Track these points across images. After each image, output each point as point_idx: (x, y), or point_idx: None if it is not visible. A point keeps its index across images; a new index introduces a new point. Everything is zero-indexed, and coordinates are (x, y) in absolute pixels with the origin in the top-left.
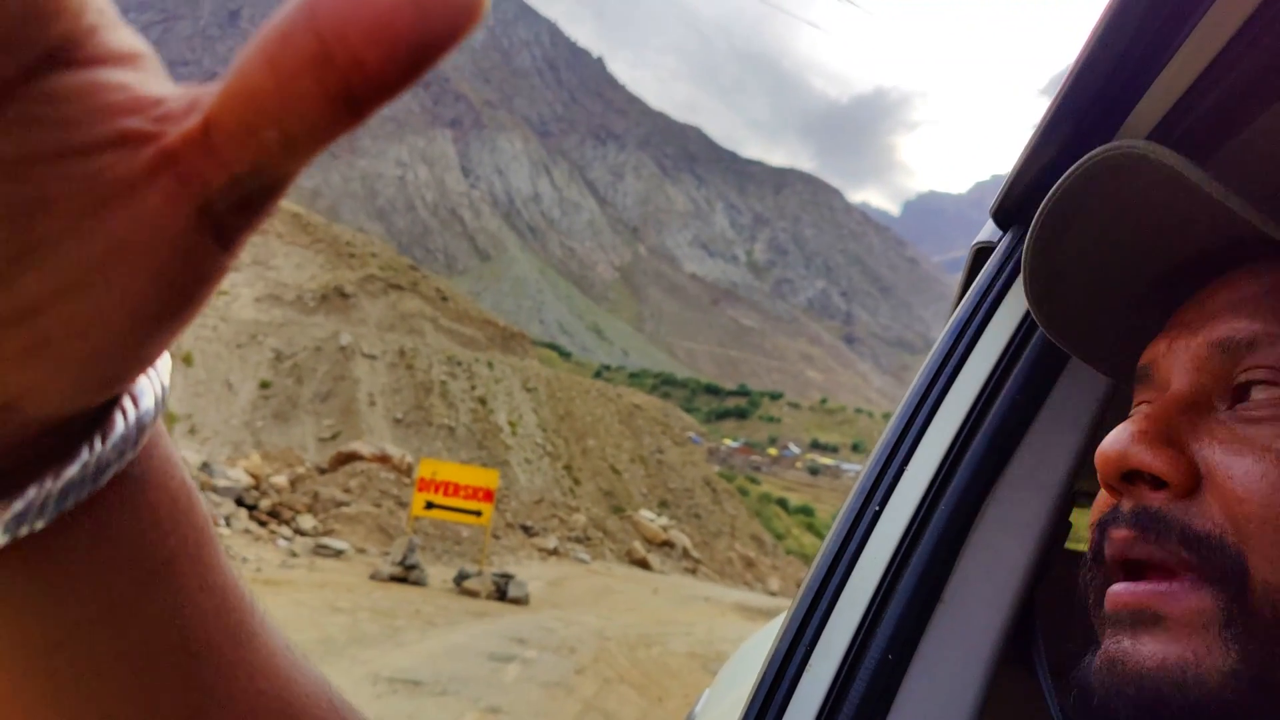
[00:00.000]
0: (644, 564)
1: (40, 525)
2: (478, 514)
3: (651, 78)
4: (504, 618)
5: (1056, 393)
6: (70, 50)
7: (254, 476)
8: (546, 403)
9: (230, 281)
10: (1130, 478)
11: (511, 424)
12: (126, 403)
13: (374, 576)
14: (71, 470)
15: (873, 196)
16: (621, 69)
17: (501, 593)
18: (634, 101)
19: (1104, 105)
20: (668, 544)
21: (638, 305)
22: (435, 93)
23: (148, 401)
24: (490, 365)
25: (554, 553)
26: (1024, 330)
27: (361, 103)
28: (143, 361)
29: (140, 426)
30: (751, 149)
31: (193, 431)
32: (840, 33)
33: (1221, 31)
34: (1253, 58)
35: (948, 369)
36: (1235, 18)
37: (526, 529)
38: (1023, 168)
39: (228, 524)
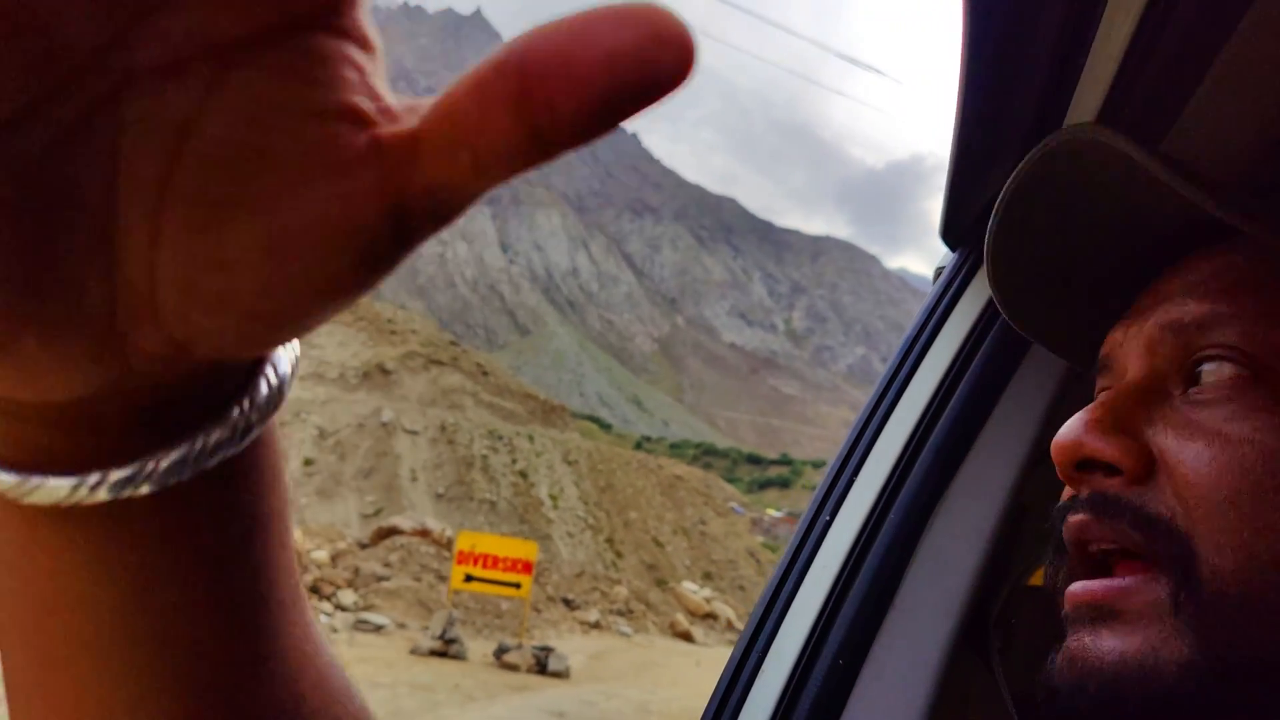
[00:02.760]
0: (687, 636)
1: (187, 477)
2: (517, 586)
3: (689, 151)
4: (544, 691)
5: (1001, 405)
6: (331, 14)
7: (295, 552)
8: (588, 475)
9: None
10: (1085, 466)
11: (553, 497)
12: (268, 368)
13: (414, 651)
14: (222, 429)
15: (911, 261)
16: (659, 143)
17: (542, 666)
18: (669, 174)
19: (1010, 118)
20: (711, 616)
21: (677, 376)
22: None
23: (285, 366)
24: (531, 439)
25: (595, 626)
26: (970, 345)
27: (550, 143)
28: (306, 327)
29: (281, 390)
30: (789, 218)
31: None
32: (876, 102)
33: (1120, 36)
34: (1167, 37)
35: (897, 383)
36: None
37: (568, 602)
38: (953, 190)
39: None
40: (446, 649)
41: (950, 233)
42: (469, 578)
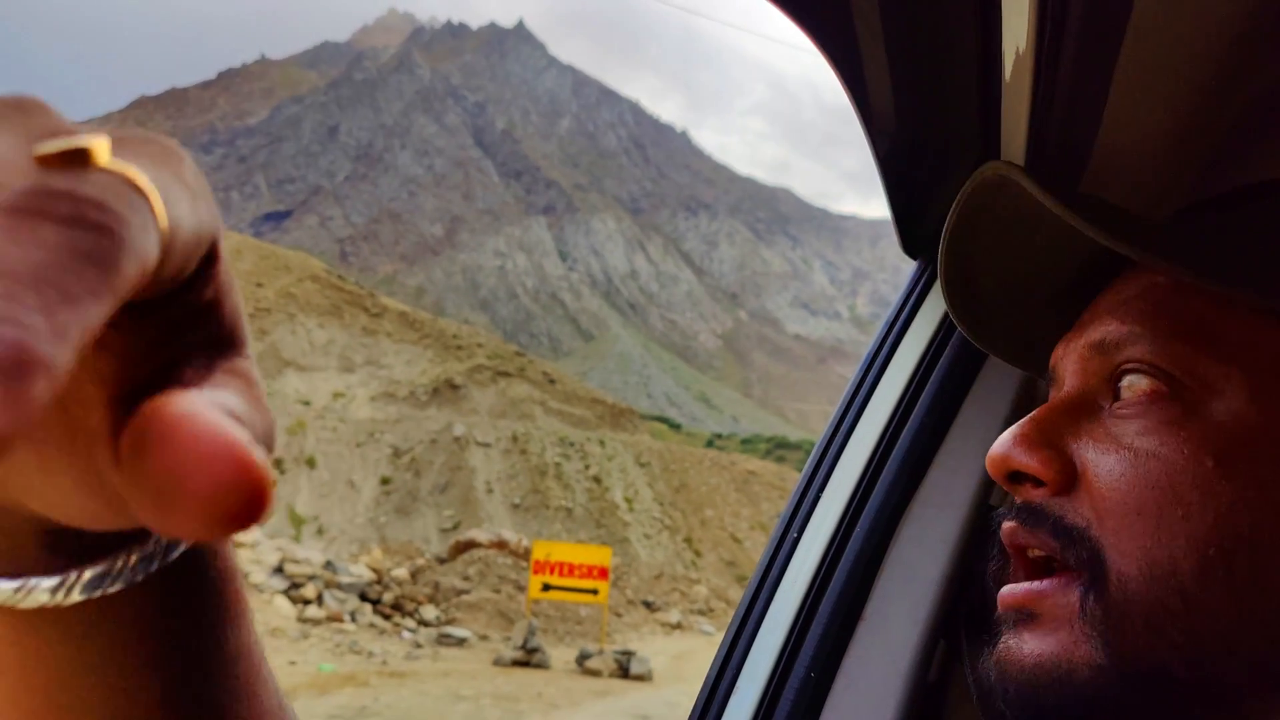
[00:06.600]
0: None
1: (114, 589)
2: (594, 592)
3: (739, 142)
4: (627, 695)
5: (964, 413)
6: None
7: (376, 571)
8: (661, 476)
9: (346, 383)
10: (1015, 478)
11: (628, 500)
12: None
13: (497, 662)
14: (144, 547)
15: None
16: (709, 136)
17: (624, 670)
18: (721, 169)
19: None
20: None
21: (743, 371)
22: (527, 182)
23: None
24: (602, 443)
25: (677, 626)
26: (931, 354)
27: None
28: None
29: None
30: (845, 203)
31: (320, 532)
32: None
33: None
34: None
35: (860, 395)
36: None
37: (648, 604)
38: (896, 209)
39: (353, 619)
40: (529, 658)
41: (908, 243)
42: (546, 586)
